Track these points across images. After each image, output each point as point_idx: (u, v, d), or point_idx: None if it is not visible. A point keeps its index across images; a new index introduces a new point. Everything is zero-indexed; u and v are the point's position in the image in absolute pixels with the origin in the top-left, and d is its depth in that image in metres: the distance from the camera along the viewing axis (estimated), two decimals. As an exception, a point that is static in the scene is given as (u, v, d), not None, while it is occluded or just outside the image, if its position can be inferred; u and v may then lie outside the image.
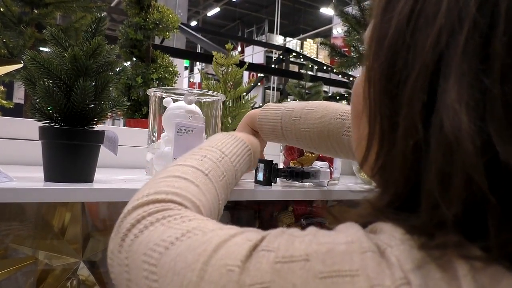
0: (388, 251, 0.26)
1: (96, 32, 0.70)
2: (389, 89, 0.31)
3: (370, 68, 0.33)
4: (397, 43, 0.30)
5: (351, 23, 1.58)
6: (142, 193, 0.44)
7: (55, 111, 0.68)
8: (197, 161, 0.54)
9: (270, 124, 0.82)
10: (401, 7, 0.31)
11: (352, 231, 0.28)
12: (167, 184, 0.46)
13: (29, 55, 0.65)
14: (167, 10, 1.99)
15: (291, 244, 0.28)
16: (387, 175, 0.31)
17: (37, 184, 0.65)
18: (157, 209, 0.40)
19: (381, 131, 0.32)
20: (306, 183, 0.94)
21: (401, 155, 0.29)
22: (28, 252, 0.81)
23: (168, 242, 0.34)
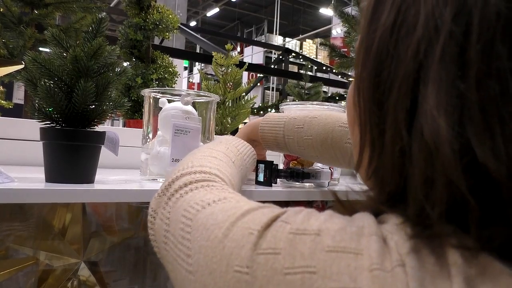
0: (389, 237, 0.28)
1: (97, 33, 0.70)
2: (376, 98, 0.32)
3: (359, 78, 0.35)
4: (382, 53, 0.32)
5: (351, 24, 1.58)
6: (187, 164, 0.51)
7: (56, 112, 0.68)
8: (224, 149, 0.62)
9: (272, 132, 0.83)
10: (384, 18, 0.32)
11: (365, 218, 0.30)
12: (208, 161, 0.53)
13: (30, 56, 0.65)
14: (167, 10, 1.99)
15: (307, 220, 0.31)
16: (380, 178, 0.33)
17: (38, 185, 0.65)
18: (203, 178, 0.47)
19: (371, 138, 0.34)
20: (307, 184, 0.94)
21: (389, 160, 0.31)
22: (29, 252, 0.81)
23: (205, 203, 0.39)
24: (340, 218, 0.31)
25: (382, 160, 0.32)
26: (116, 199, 0.68)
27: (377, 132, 0.32)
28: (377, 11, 0.34)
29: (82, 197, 0.66)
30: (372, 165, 0.34)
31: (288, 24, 14.79)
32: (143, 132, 0.91)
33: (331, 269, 0.27)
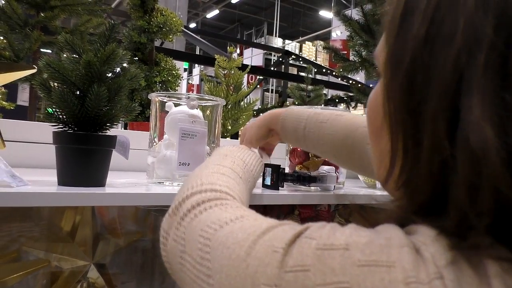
0: (423, 248, 0.28)
1: (109, 38, 0.71)
2: (410, 108, 0.32)
3: (388, 87, 0.35)
4: (415, 63, 0.32)
5: (355, 28, 1.60)
6: (196, 182, 0.49)
7: (69, 116, 0.69)
8: (231, 164, 0.60)
9: (294, 123, 0.82)
10: (416, 29, 0.32)
11: (391, 229, 0.30)
12: (217, 178, 0.52)
13: (44, 61, 0.66)
14: (171, 13, 2.00)
15: (333, 234, 0.31)
16: (412, 188, 0.32)
17: (51, 188, 0.66)
18: (215, 196, 0.46)
19: (404, 148, 0.33)
20: (313, 187, 0.95)
21: (426, 170, 0.31)
22: (39, 254, 0.82)
23: (223, 222, 0.39)
24: (366, 231, 0.30)
25: (417, 170, 0.31)
26: (127, 202, 0.69)
27: (412, 142, 0.32)
28: (406, 21, 0.34)
29: (95, 201, 0.67)
30: (404, 175, 0.33)
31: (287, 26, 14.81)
32: (150, 135, 0.92)
33: (365, 283, 0.27)
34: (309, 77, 3.92)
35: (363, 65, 1.73)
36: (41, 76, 0.69)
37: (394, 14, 0.35)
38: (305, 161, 1.06)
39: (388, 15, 0.37)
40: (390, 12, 0.36)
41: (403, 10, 0.34)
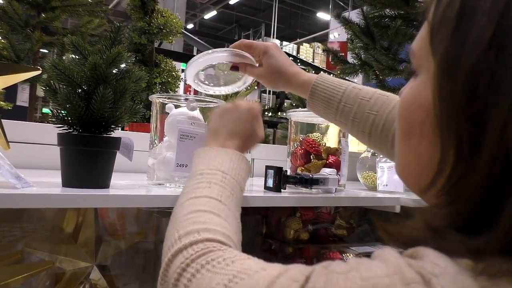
0: (434, 281, 0.26)
1: (115, 41, 0.71)
2: (470, 115, 0.30)
3: (442, 89, 0.33)
4: (478, 69, 0.30)
5: (355, 31, 1.60)
6: (174, 237, 0.47)
7: (74, 118, 0.69)
8: (206, 190, 0.55)
9: (327, 93, 0.77)
10: (477, 33, 0.31)
11: (392, 260, 0.29)
12: (193, 221, 0.49)
13: (50, 62, 0.66)
14: (171, 15, 2.00)
15: (336, 283, 0.29)
16: (460, 197, 0.31)
17: (56, 190, 0.66)
18: (198, 253, 0.43)
19: (458, 154, 0.31)
20: (314, 190, 0.95)
21: (483, 180, 0.29)
22: (42, 256, 0.82)
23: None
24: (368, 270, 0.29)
25: (471, 179, 0.30)
26: (131, 204, 0.69)
27: (469, 150, 0.30)
28: (464, 22, 0.32)
29: (100, 202, 0.67)
30: (452, 182, 0.31)
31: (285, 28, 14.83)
32: (151, 137, 0.92)
33: None
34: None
35: (362, 67, 1.74)
36: (43, 77, 0.69)
37: (447, 12, 0.33)
38: (307, 164, 1.06)
39: (437, 11, 0.35)
40: (439, 9, 0.34)
41: (460, 9, 0.32)
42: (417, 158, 0.38)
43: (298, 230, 1.08)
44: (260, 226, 1.15)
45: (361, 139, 0.77)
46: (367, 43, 1.60)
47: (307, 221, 1.11)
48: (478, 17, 0.31)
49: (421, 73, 0.38)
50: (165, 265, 0.45)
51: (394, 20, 1.56)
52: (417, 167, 0.38)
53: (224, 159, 0.62)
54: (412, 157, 0.39)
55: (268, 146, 1.63)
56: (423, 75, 0.37)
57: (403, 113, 0.40)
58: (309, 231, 1.10)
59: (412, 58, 0.40)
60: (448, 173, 0.32)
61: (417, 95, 0.38)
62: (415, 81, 0.39)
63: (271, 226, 1.15)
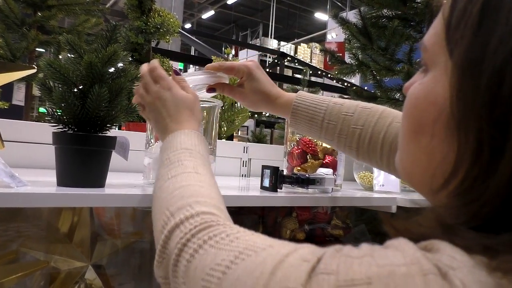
0: (451, 274, 0.26)
1: (111, 39, 0.71)
2: (494, 117, 0.30)
3: (462, 89, 0.32)
4: (503, 69, 0.29)
5: (352, 31, 1.60)
6: (165, 216, 0.45)
7: (69, 117, 0.69)
8: (180, 167, 0.54)
9: (310, 112, 0.77)
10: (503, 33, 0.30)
11: (409, 251, 0.28)
12: (180, 196, 0.47)
13: (45, 61, 0.66)
14: (168, 14, 1.99)
15: (350, 267, 0.28)
16: (476, 198, 0.30)
17: (51, 189, 0.66)
18: (198, 228, 0.41)
19: (476, 157, 0.31)
20: (310, 190, 0.95)
21: (504, 182, 0.29)
22: (36, 255, 0.81)
23: (224, 266, 0.35)
24: (384, 258, 0.28)
25: (491, 181, 0.29)
26: (126, 203, 0.69)
27: (489, 151, 0.30)
28: (488, 21, 0.31)
29: (94, 202, 0.67)
30: (468, 182, 0.31)
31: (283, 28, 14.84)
32: (147, 136, 0.91)
33: None
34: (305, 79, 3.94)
35: (360, 68, 1.74)
36: (39, 76, 0.69)
37: (468, 7, 0.32)
38: (303, 163, 1.06)
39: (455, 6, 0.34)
40: (459, 3, 0.34)
41: (483, 5, 0.32)
42: (428, 157, 0.37)
43: (294, 230, 1.08)
44: (256, 226, 1.15)
45: (349, 154, 0.77)
46: (364, 44, 1.60)
47: (303, 221, 1.11)
48: (504, 14, 0.30)
49: (433, 69, 0.37)
50: (162, 242, 0.43)
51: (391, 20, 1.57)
52: (429, 166, 0.37)
53: (182, 138, 0.61)
54: (422, 156, 0.38)
55: (265, 146, 1.63)
56: (436, 72, 0.36)
57: (413, 110, 0.39)
58: (306, 231, 1.10)
59: (424, 53, 0.39)
60: (463, 174, 0.31)
61: (429, 92, 0.37)
62: (425, 77, 0.38)
63: (268, 226, 1.15)
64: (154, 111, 0.67)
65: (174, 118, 0.65)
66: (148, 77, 0.68)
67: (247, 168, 1.43)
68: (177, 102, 0.66)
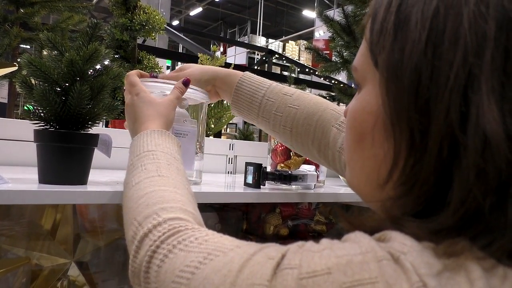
0: (402, 258, 0.28)
1: (92, 37, 0.71)
2: (418, 106, 0.34)
3: (389, 90, 0.36)
4: (419, 66, 0.34)
5: (336, 29, 1.62)
6: (133, 226, 0.46)
7: (51, 114, 0.69)
8: (143, 173, 0.55)
9: (251, 89, 0.79)
10: (415, 36, 0.35)
11: (364, 241, 0.31)
12: (145, 205, 0.48)
13: (25, 59, 0.66)
14: (154, 11, 1.98)
15: (311, 260, 0.30)
16: (416, 181, 0.34)
17: (32, 186, 0.66)
18: (166, 234, 0.43)
19: (410, 143, 0.35)
20: (293, 186, 0.96)
21: (434, 158, 0.33)
22: (19, 252, 0.81)
23: (193, 267, 0.37)
24: (341, 249, 0.31)
25: (424, 161, 0.33)
26: (109, 200, 0.69)
27: (419, 136, 0.34)
28: (401, 30, 0.36)
29: (75, 199, 0.67)
30: (407, 169, 0.34)
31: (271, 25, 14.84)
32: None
33: None
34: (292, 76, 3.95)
35: (344, 65, 1.76)
36: (21, 73, 0.69)
37: (384, 25, 0.37)
38: (287, 160, 1.08)
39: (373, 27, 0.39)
40: (376, 25, 0.38)
41: (395, 21, 0.37)
42: (371, 160, 0.41)
43: (277, 226, 1.09)
44: (240, 222, 1.16)
45: (283, 136, 0.79)
46: (348, 41, 1.62)
47: (287, 217, 1.12)
48: (412, 24, 0.35)
49: (365, 85, 0.42)
50: (133, 252, 0.44)
51: (375, 18, 1.58)
52: (374, 168, 0.40)
53: (144, 140, 0.61)
54: (366, 161, 0.42)
55: (251, 143, 1.64)
56: (368, 85, 0.41)
57: (353, 122, 0.43)
58: (289, 227, 1.12)
59: (355, 74, 0.44)
60: (403, 162, 0.35)
61: (365, 104, 0.41)
62: (359, 94, 0.43)
63: (251, 222, 1.16)
64: (127, 118, 0.71)
65: (139, 121, 0.67)
66: (126, 86, 0.73)
67: (233, 165, 1.43)
68: (142, 106, 0.69)
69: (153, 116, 0.67)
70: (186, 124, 0.82)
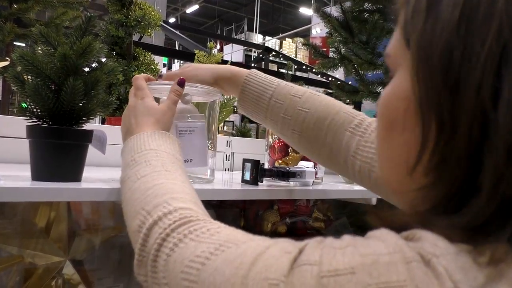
0: (434, 261, 0.26)
1: (86, 31, 0.70)
2: (449, 84, 0.32)
3: (420, 71, 0.35)
4: (451, 42, 0.33)
5: (334, 25, 1.61)
6: (141, 215, 0.45)
7: (43, 110, 0.68)
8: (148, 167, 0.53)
9: (259, 88, 0.74)
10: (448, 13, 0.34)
11: (391, 240, 0.29)
12: (154, 195, 0.47)
13: (17, 53, 0.65)
14: (149, 7, 1.96)
15: (333, 257, 0.28)
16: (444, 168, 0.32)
17: (24, 183, 0.64)
18: (177, 223, 0.41)
19: (440, 125, 0.33)
20: (292, 183, 0.95)
21: (465, 139, 0.31)
22: (12, 251, 0.80)
23: (203, 258, 0.35)
24: (366, 247, 0.29)
25: (453, 143, 0.32)
26: (102, 198, 0.68)
27: (449, 116, 0.32)
28: (433, 11, 0.35)
29: (69, 196, 0.66)
30: (438, 152, 0.33)
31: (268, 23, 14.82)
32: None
33: None
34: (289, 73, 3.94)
35: (342, 62, 1.74)
36: (15, 69, 0.68)
37: (416, 7, 0.36)
38: (285, 157, 1.06)
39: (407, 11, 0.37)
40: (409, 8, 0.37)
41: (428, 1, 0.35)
42: (402, 146, 0.38)
43: (275, 223, 1.08)
44: (238, 219, 1.15)
45: (291, 140, 0.75)
46: (345, 37, 1.61)
47: (284, 214, 1.11)
48: (445, 2, 0.34)
49: (398, 70, 0.39)
50: (141, 241, 0.42)
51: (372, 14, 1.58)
52: (404, 154, 0.38)
53: (145, 139, 0.60)
54: (395, 149, 0.39)
55: (248, 140, 1.63)
56: (401, 71, 0.39)
57: (384, 110, 0.41)
58: (287, 224, 1.11)
59: (388, 60, 0.42)
60: (433, 145, 0.33)
61: (396, 90, 0.39)
62: (392, 81, 0.41)
63: (249, 219, 1.15)
64: (125, 119, 0.70)
65: (138, 123, 0.66)
66: (132, 88, 0.72)
67: (230, 162, 1.42)
68: (143, 110, 0.68)
69: (153, 123, 0.66)
70: (191, 120, 0.80)
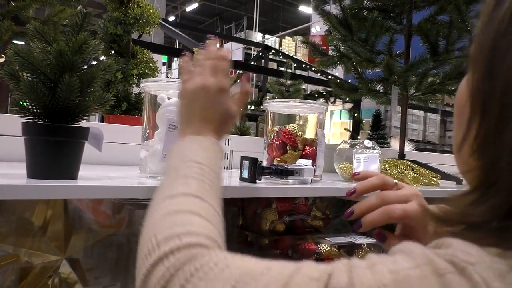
0: (470, 269, 0.26)
1: (81, 28, 0.69)
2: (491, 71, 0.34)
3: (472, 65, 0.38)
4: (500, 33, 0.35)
5: (333, 23, 1.60)
6: (151, 243, 0.40)
7: (39, 107, 0.67)
8: (183, 186, 0.49)
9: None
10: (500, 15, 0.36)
11: (416, 251, 0.28)
12: (171, 224, 0.42)
13: (12, 50, 0.64)
14: (148, 5, 1.96)
15: (364, 276, 0.28)
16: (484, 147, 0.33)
17: (20, 181, 0.64)
18: (182, 260, 0.37)
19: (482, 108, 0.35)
20: (290, 181, 0.95)
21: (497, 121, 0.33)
22: (8, 249, 0.79)
23: None
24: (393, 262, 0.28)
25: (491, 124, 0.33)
26: (98, 195, 0.68)
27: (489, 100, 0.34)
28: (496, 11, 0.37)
29: (64, 194, 0.65)
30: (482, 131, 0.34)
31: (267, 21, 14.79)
32: (143, 129, 0.89)
33: None
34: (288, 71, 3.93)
35: (341, 59, 1.73)
36: (11, 66, 0.67)
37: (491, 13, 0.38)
38: (283, 155, 1.06)
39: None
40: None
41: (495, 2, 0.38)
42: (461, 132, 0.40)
43: (274, 221, 1.08)
44: (236, 217, 1.14)
45: None
46: (344, 35, 1.60)
47: (283, 212, 1.10)
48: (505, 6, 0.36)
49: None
50: (143, 277, 0.38)
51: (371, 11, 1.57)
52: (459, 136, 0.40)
53: (199, 148, 0.57)
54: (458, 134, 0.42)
55: (246, 138, 1.62)
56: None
57: (456, 99, 0.45)
58: (285, 222, 1.10)
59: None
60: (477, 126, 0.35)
61: (464, 82, 0.43)
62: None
63: (247, 217, 1.14)
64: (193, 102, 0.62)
65: (205, 119, 0.61)
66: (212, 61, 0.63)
67: (229, 160, 1.42)
68: (220, 111, 0.62)
69: (217, 126, 0.62)
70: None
